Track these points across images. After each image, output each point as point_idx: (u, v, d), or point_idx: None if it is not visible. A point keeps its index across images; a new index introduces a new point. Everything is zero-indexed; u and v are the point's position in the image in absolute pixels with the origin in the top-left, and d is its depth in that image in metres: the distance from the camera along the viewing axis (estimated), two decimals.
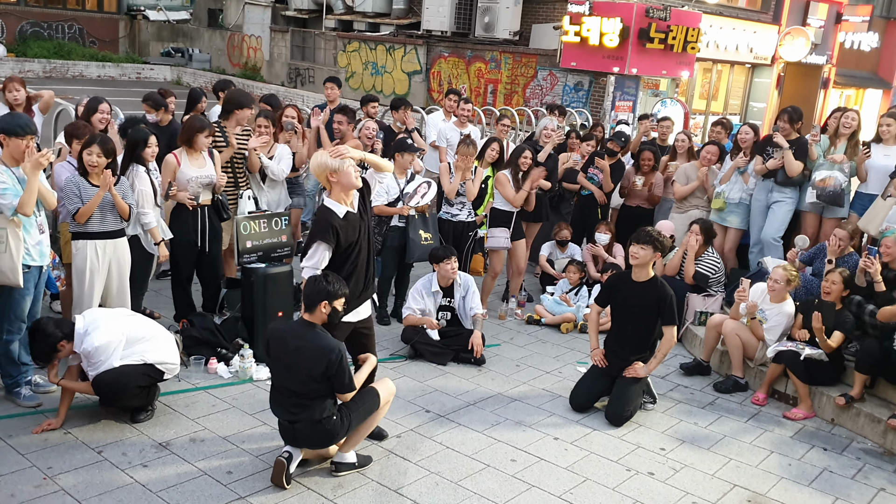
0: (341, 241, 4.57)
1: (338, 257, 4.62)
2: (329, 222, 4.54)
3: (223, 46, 28.39)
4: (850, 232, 6.71)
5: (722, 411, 6.02)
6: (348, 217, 4.63)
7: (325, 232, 4.53)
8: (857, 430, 5.80)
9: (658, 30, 16.04)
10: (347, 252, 4.65)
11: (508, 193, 7.35)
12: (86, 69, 26.53)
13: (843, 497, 4.91)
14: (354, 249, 4.68)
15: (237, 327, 6.22)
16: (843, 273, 6.04)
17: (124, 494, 4.28)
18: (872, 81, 25.25)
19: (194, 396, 5.52)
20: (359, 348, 4.91)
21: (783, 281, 6.30)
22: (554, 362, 6.75)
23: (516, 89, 18.84)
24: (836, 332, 5.87)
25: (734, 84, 20.94)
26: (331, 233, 4.52)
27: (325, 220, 4.56)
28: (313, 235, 4.59)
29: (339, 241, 4.56)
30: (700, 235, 7.31)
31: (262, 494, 4.39)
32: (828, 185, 7.41)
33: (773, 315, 6.36)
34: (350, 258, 4.67)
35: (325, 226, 4.54)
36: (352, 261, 4.68)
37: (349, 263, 4.67)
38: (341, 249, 4.61)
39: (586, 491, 4.73)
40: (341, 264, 4.64)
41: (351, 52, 22.88)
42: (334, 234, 4.53)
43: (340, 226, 4.56)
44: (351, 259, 4.68)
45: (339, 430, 4.46)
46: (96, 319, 4.93)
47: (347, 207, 4.64)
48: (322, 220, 4.58)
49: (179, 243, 6.38)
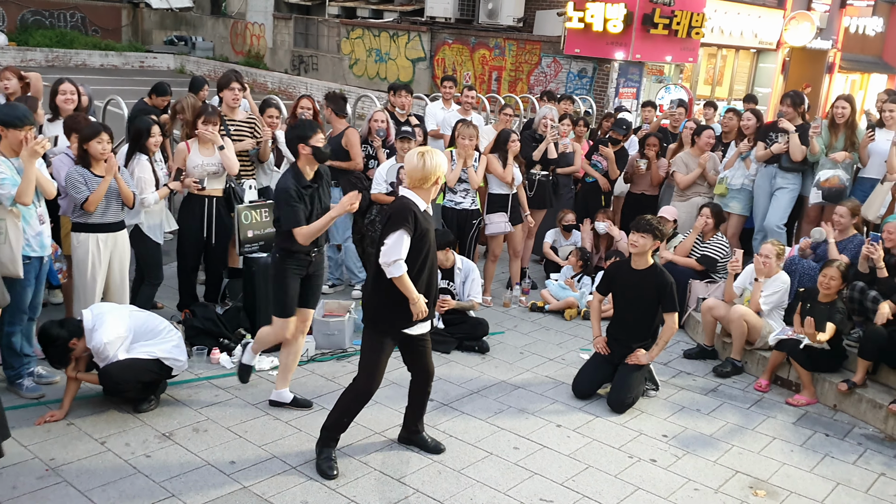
0: (418, 230, 4.33)
1: (413, 249, 4.34)
2: (409, 209, 4.32)
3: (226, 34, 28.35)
4: (850, 209, 6.73)
5: (724, 398, 6.02)
6: (426, 215, 4.44)
7: (405, 219, 4.28)
8: (858, 416, 5.79)
9: (662, 15, 15.97)
10: (420, 247, 4.38)
11: (497, 169, 7.39)
12: (88, 58, 26.54)
13: (845, 482, 4.91)
14: (426, 249, 4.42)
15: (239, 317, 6.23)
16: (840, 267, 6.00)
17: (127, 485, 4.30)
18: (877, 66, 25.09)
19: (197, 387, 5.54)
20: (414, 360, 4.75)
21: (773, 255, 6.39)
22: (557, 349, 6.76)
23: (521, 76, 18.77)
24: (828, 324, 5.85)
25: (739, 69, 20.84)
26: (411, 219, 4.29)
27: (405, 208, 4.32)
28: (393, 224, 4.30)
29: (416, 231, 4.32)
30: (711, 218, 7.34)
31: (264, 484, 4.41)
32: (832, 185, 7.40)
33: (766, 287, 6.44)
34: (422, 254, 4.40)
35: (405, 213, 4.30)
36: (423, 259, 4.42)
37: (420, 261, 4.40)
38: (417, 241, 4.34)
39: (588, 478, 4.74)
40: (412, 261, 4.36)
41: (354, 40, 22.83)
42: (413, 220, 4.30)
43: (419, 215, 4.36)
44: (422, 257, 4.41)
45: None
46: (103, 314, 4.95)
47: (426, 206, 4.46)
48: (402, 208, 4.33)
49: (187, 233, 6.41)
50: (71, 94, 6.45)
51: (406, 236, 4.29)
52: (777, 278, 6.49)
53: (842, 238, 6.73)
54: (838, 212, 6.75)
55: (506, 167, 7.40)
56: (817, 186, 7.51)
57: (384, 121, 7.59)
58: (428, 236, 4.43)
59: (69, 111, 6.33)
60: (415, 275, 4.39)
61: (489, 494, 4.49)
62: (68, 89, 6.46)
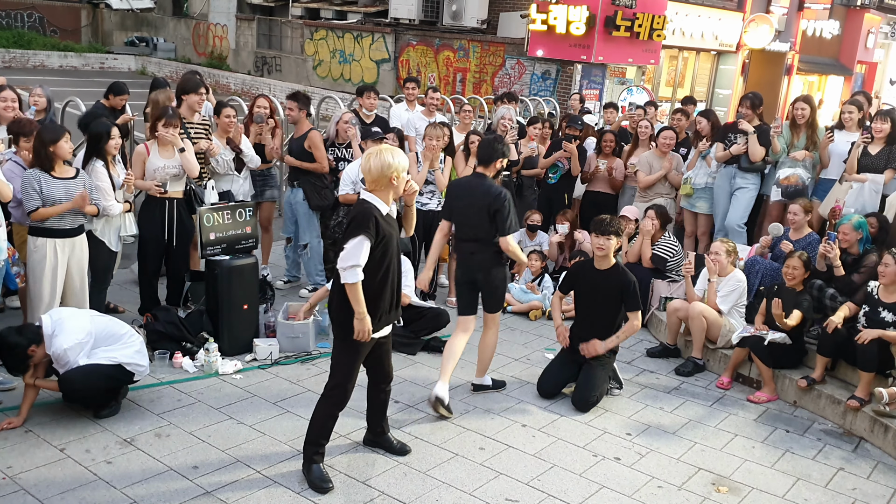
0: (380, 235, 4.23)
1: (373, 257, 4.25)
2: (371, 213, 4.23)
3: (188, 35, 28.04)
4: (803, 206, 6.87)
5: (687, 396, 6.09)
6: (388, 218, 4.35)
7: (366, 224, 4.18)
8: (818, 412, 5.90)
9: (624, 17, 16.12)
10: (382, 254, 4.30)
11: (459, 166, 7.47)
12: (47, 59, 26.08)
13: (805, 478, 5.00)
14: (388, 254, 4.33)
15: (202, 321, 6.16)
16: (802, 256, 6.17)
17: (87, 492, 4.23)
18: (834, 68, 25.60)
19: (159, 391, 5.46)
20: (374, 363, 4.71)
21: (723, 252, 6.49)
22: (522, 349, 6.79)
23: (485, 78, 18.83)
24: (795, 311, 5.98)
25: (700, 71, 21.12)
26: (372, 224, 4.20)
27: (366, 212, 4.23)
28: (353, 229, 4.21)
29: (377, 236, 4.22)
30: (656, 220, 7.44)
31: (228, 489, 4.36)
32: (791, 183, 7.54)
33: (723, 285, 6.53)
34: (385, 262, 4.32)
35: (366, 217, 4.21)
36: (385, 266, 4.33)
37: (384, 268, 4.33)
38: (378, 248, 4.26)
39: (553, 477, 4.76)
40: (376, 267, 4.29)
41: (318, 41, 22.72)
42: (374, 225, 4.21)
43: (380, 220, 4.26)
44: (385, 264, 4.32)
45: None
46: (63, 319, 4.86)
47: (388, 208, 4.38)
48: (363, 212, 4.24)
49: (148, 237, 6.34)
50: (12, 101, 6.41)
51: (366, 242, 4.20)
52: (732, 277, 6.58)
53: (798, 237, 6.86)
54: (792, 209, 6.93)
55: (467, 164, 7.43)
56: (777, 184, 7.65)
57: (348, 120, 7.58)
58: (390, 242, 4.34)
59: (9, 119, 6.26)
60: (378, 282, 4.32)
61: (455, 495, 4.49)
62: (9, 97, 6.41)
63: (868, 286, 5.86)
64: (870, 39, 25.94)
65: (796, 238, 6.85)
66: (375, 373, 4.76)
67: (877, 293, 5.78)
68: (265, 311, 6.61)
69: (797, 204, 6.93)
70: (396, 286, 4.50)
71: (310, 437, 4.52)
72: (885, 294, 5.74)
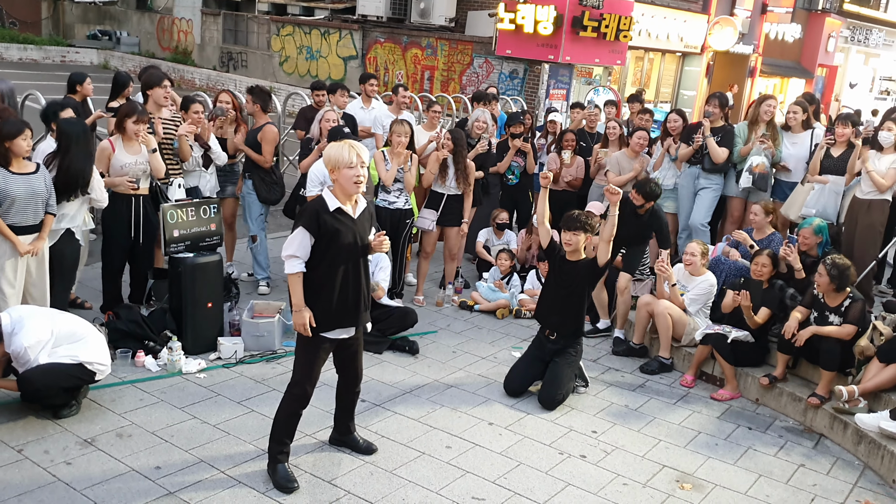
0: (324, 228, 4.21)
1: (317, 254, 4.24)
2: (314, 208, 4.25)
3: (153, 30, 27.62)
4: (763, 206, 7.00)
5: (651, 393, 6.15)
6: (339, 214, 4.27)
7: (306, 217, 4.23)
8: (779, 409, 5.99)
9: (591, 18, 16.22)
10: (326, 248, 4.24)
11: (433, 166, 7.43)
12: (6, 51, 25.51)
13: (767, 474, 5.07)
14: (333, 249, 4.25)
15: (165, 319, 6.07)
16: (769, 253, 6.27)
17: (46, 494, 4.14)
18: (796, 71, 26.04)
19: (121, 391, 5.37)
20: (343, 364, 4.68)
21: (698, 253, 6.58)
22: (490, 348, 6.79)
23: (453, 76, 18.83)
24: (763, 308, 6.07)
25: (665, 72, 21.34)
26: (313, 218, 4.21)
27: (310, 207, 4.31)
28: (295, 222, 4.37)
29: (320, 229, 4.21)
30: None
31: (192, 490, 4.31)
32: (760, 171, 7.67)
33: (693, 287, 6.61)
34: (328, 256, 4.24)
35: (308, 212, 4.26)
36: (330, 260, 4.25)
37: (326, 262, 4.25)
38: (323, 240, 4.23)
39: (520, 475, 4.77)
40: (318, 260, 4.24)
41: (285, 37, 22.53)
42: (316, 219, 4.21)
43: (326, 217, 4.22)
44: (329, 258, 4.25)
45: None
46: (23, 317, 4.76)
47: (342, 205, 4.30)
48: (307, 207, 4.34)
49: (113, 234, 6.23)
50: None
51: (306, 234, 4.22)
52: (704, 279, 6.63)
53: (761, 236, 6.97)
54: (753, 210, 7.09)
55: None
56: (749, 171, 7.75)
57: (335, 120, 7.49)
58: (337, 237, 4.25)
59: None
60: (321, 275, 4.27)
61: (421, 494, 4.48)
62: None
63: (814, 291, 5.95)
64: (830, 43, 26.43)
65: (759, 238, 6.96)
66: (344, 375, 4.73)
67: (822, 297, 5.88)
68: (230, 309, 6.55)
69: (758, 205, 7.03)
70: (355, 288, 4.38)
71: (274, 435, 4.49)
72: (830, 299, 5.84)
